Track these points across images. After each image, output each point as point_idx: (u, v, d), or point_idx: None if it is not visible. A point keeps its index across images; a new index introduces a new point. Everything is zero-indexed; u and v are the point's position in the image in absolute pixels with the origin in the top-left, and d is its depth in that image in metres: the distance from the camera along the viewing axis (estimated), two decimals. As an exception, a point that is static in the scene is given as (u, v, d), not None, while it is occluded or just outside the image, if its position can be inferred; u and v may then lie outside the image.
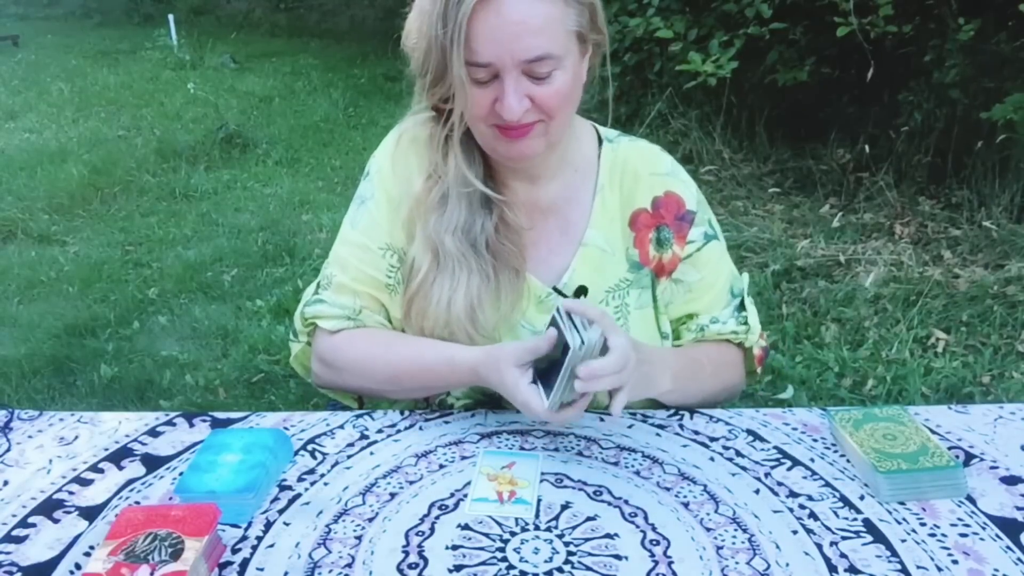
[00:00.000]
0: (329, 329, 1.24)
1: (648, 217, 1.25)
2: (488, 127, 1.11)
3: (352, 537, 0.97)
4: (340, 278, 1.24)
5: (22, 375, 3.02)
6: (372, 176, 1.26)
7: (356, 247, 1.25)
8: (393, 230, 1.23)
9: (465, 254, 1.17)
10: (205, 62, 8.89)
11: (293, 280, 3.78)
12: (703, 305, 1.28)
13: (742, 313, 1.29)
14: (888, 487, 1.00)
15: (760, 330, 1.31)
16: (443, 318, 1.17)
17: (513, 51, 1.04)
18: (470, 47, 1.04)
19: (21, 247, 4.33)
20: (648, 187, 1.25)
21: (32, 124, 6.73)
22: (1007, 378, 2.73)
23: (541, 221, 1.24)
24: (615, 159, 1.26)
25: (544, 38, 1.05)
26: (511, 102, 1.06)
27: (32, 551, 0.96)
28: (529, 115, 1.09)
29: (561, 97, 1.09)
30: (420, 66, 1.11)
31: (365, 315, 1.24)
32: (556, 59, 1.06)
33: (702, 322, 1.28)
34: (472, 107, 1.09)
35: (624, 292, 1.24)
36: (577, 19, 1.09)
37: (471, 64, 1.05)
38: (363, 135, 6.21)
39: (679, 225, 1.25)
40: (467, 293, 1.16)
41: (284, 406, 2.75)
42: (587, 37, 1.12)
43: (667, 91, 4.75)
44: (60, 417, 1.24)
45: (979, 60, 3.82)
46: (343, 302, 1.24)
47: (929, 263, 3.51)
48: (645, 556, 0.92)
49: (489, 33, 1.03)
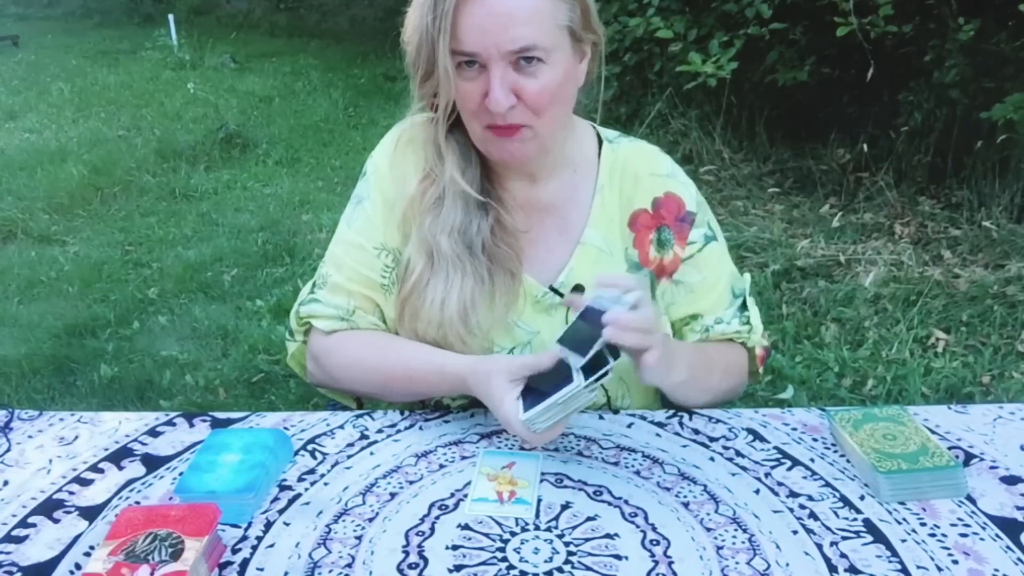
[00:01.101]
0: (323, 329, 1.24)
1: (648, 218, 1.24)
2: (481, 127, 1.11)
3: (352, 537, 0.97)
4: (335, 278, 1.24)
5: (22, 375, 3.02)
6: (369, 176, 1.26)
7: (351, 247, 1.25)
8: (388, 230, 1.23)
9: (460, 256, 1.16)
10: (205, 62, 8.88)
11: (293, 280, 3.78)
12: (706, 306, 1.28)
13: (744, 313, 1.30)
14: (888, 487, 1.00)
15: (762, 330, 1.31)
16: (436, 319, 1.17)
17: (499, 41, 1.04)
18: (456, 37, 1.04)
19: (21, 247, 4.32)
20: (648, 188, 1.25)
21: (32, 124, 6.73)
22: (1007, 378, 2.73)
23: (539, 220, 1.24)
24: (615, 159, 1.26)
25: (531, 28, 1.05)
26: (497, 94, 1.05)
27: (32, 551, 0.96)
28: (516, 114, 1.08)
29: (548, 94, 1.08)
30: (413, 60, 1.11)
31: (359, 316, 1.24)
32: (543, 51, 1.06)
33: (706, 323, 1.28)
34: (462, 102, 1.09)
35: None
36: (568, 14, 1.08)
37: (457, 53, 1.05)
38: (363, 135, 6.20)
39: (680, 226, 1.25)
40: (460, 295, 1.16)
41: (284, 406, 2.75)
42: (580, 35, 1.11)
43: (667, 91, 4.75)
44: (60, 417, 1.24)
45: (979, 60, 3.82)
46: (337, 302, 1.24)
47: (929, 263, 3.51)
48: (645, 556, 0.92)
49: (475, 23, 1.03)
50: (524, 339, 1.22)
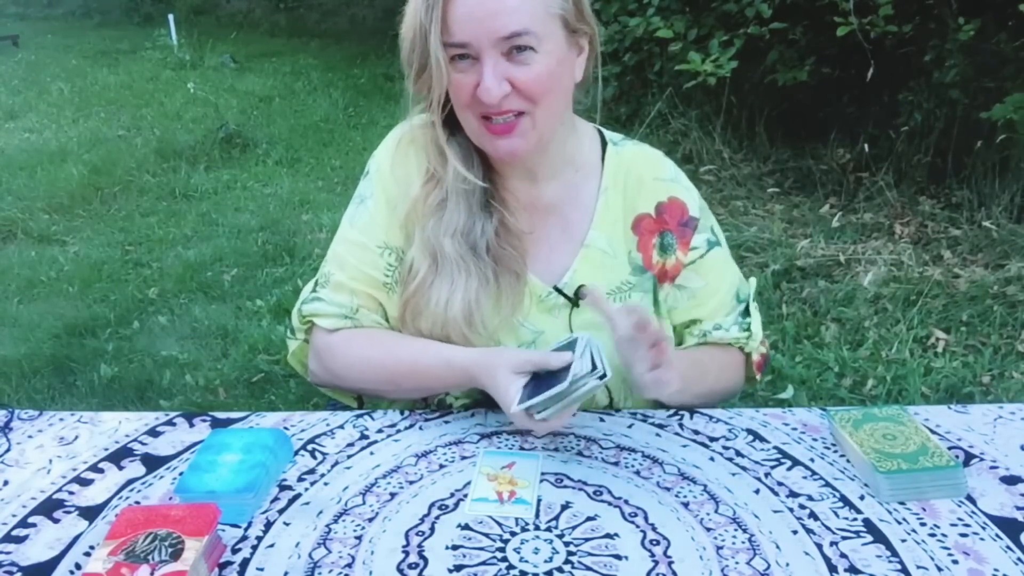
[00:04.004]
0: (327, 328, 1.24)
1: (651, 222, 1.25)
2: (476, 120, 1.11)
3: (352, 537, 0.97)
4: (338, 276, 1.25)
5: (22, 375, 3.02)
6: (372, 175, 1.26)
7: (354, 245, 1.25)
8: (391, 229, 1.23)
9: (464, 257, 1.17)
10: (205, 62, 8.87)
11: (293, 280, 3.78)
12: (707, 311, 1.28)
13: (746, 319, 1.30)
14: (888, 487, 1.00)
15: (762, 336, 1.31)
16: (440, 319, 1.17)
17: (489, 30, 1.04)
18: (447, 28, 1.04)
19: (21, 247, 4.32)
20: (652, 192, 1.25)
21: (32, 124, 6.73)
22: (1007, 378, 2.73)
23: (541, 220, 1.24)
24: (619, 162, 1.26)
25: (521, 15, 1.05)
26: (489, 83, 1.05)
27: (32, 551, 0.96)
28: (511, 101, 1.08)
29: (543, 82, 1.08)
30: (407, 57, 1.11)
31: (362, 314, 1.24)
32: (535, 37, 1.06)
33: (705, 328, 1.28)
34: (454, 94, 1.09)
35: (626, 295, 1.24)
36: (561, 3, 1.09)
37: (448, 45, 1.05)
38: (363, 135, 6.20)
39: (682, 231, 1.25)
40: (465, 296, 1.16)
41: (284, 406, 2.75)
42: (575, 26, 1.11)
43: (667, 91, 4.75)
44: (60, 417, 1.24)
45: (979, 60, 3.82)
46: (340, 300, 1.24)
47: (929, 263, 3.51)
48: (645, 556, 0.92)
49: (466, 12, 1.04)
50: (528, 338, 1.22)
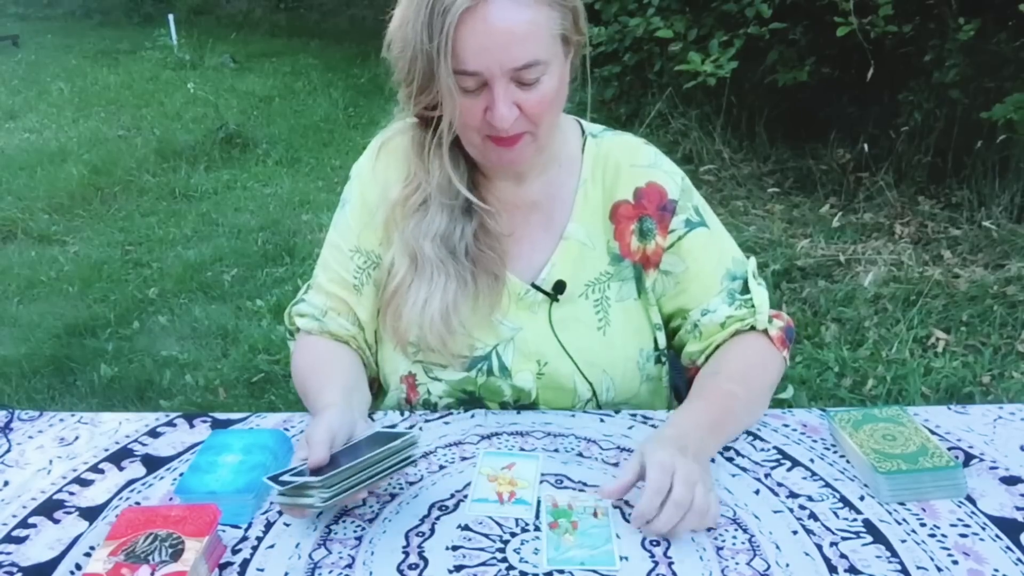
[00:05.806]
0: (304, 329, 1.29)
1: (629, 208, 1.24)
2: (480, 137, 1.12)
3: (352, 538, 0.97)
4: (319, 279, 1.30)
5: (22, 375, 3.02)
6: (352, 180, 1.30)
7: (333, 248, 1.29)
8: (364, 232, 1.26)
9: (443, 260, 1.18)
10: (205, 62, 8.88)
11: (293, 280, 3.78)
12: (691, 297, 1.25)
13: (744, 296, 1.25)
14: (888, 487, 1.00)
15: (773, 311, 1.25)
16: (417, 321, 1.18)
17: (502, 60, 1.04)
18: (457, 57, 1.04)
19: (21, 247, 4.33)
20: (629, 179, 1.25)
21: (32, 124, 6.73)
22: (1007, 378, 2.73)
23: (524, 218, 1.25)
24: (598, 153, 1.26)
25: (531, 44, 1.05)
26: (502, 111, 1.06)
27: (32, 551, 0.96)
28: (518, 124, 1.09)
29: (548, 102, 1.10)
30: (405, 75, 1.10)
31: (330, 317, 1.27)
32: (544, 64, 1.07)
33: (694, 318, 1.25)
34: (462, 117, 1.09)
35: (604, 285, 1.24)
36: (561, 22, 1.09)
37: (459, 73, 1.05)
38: (363, 135, 6.18)
39: (661, 215, 1.24)
40: (443, 297, 1.17)
41: (284, 406, 2.75)
42: (571, 39, 1.12)
43: (667, 91, 4.76)
44: (60, 417, 1.24)
45: (979, 60, 3.82)
46: (316, 302, 1.28)
47: (929, 263, 3.51)
48: (645, 556, 0.93)
49: (477, 42, 1.03)
50: (507, 335, 1.22)
